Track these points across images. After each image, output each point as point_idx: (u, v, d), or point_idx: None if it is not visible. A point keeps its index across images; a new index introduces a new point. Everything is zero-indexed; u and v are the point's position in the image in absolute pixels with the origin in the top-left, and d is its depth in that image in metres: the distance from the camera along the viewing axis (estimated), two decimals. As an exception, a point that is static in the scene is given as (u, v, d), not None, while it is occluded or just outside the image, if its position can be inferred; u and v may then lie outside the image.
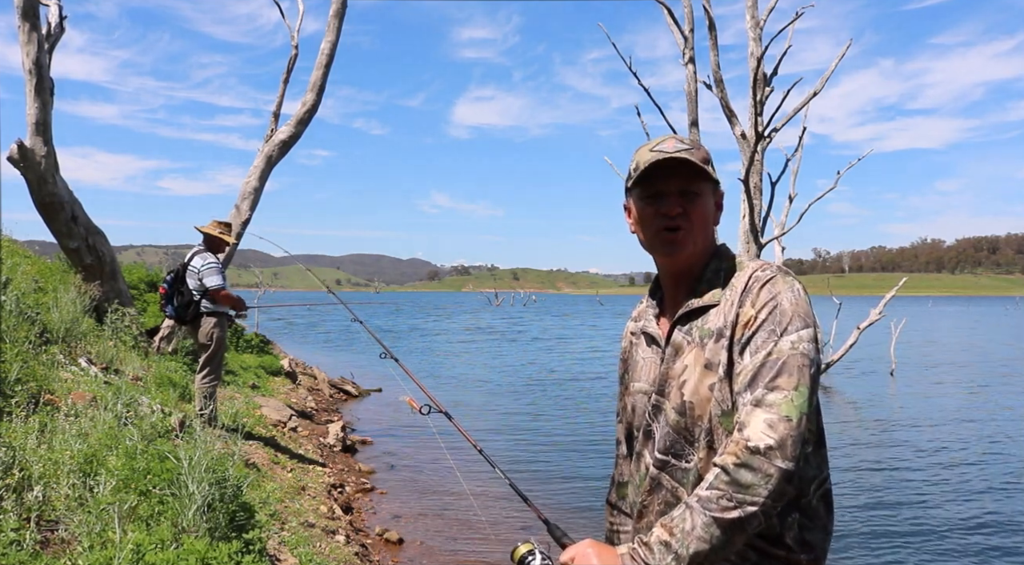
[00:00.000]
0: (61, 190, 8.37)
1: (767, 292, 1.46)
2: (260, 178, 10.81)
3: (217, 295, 6.40)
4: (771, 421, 1.33)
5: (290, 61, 11.62)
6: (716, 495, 1.33)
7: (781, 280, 1.47)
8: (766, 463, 1.31)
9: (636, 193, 1.61)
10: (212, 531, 3.35)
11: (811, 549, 1.47)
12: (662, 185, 1.55)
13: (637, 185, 1.59)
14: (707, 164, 1.55)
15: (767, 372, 1.38)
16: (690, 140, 1.59)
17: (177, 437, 4.87)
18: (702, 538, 1.31)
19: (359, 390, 14.68)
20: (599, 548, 1.42)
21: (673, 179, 1.54)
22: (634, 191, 1.62)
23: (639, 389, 1.67)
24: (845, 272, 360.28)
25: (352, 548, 5.19)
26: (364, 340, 4.24)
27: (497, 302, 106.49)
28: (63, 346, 6.46)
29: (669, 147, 1.54)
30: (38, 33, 8.11)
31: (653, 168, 1.54)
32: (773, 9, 9.82)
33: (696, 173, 1.54)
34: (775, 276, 1.48)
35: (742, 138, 9.51)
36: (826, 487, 1.52)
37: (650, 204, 1.57)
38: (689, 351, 1.53)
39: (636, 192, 1.61)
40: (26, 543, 2.78)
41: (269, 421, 8.36)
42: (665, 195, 1.55)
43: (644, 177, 1.56)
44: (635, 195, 1.62)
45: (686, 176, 1.54)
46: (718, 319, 1.50)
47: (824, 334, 17.94)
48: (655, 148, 1.56)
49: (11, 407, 3.96)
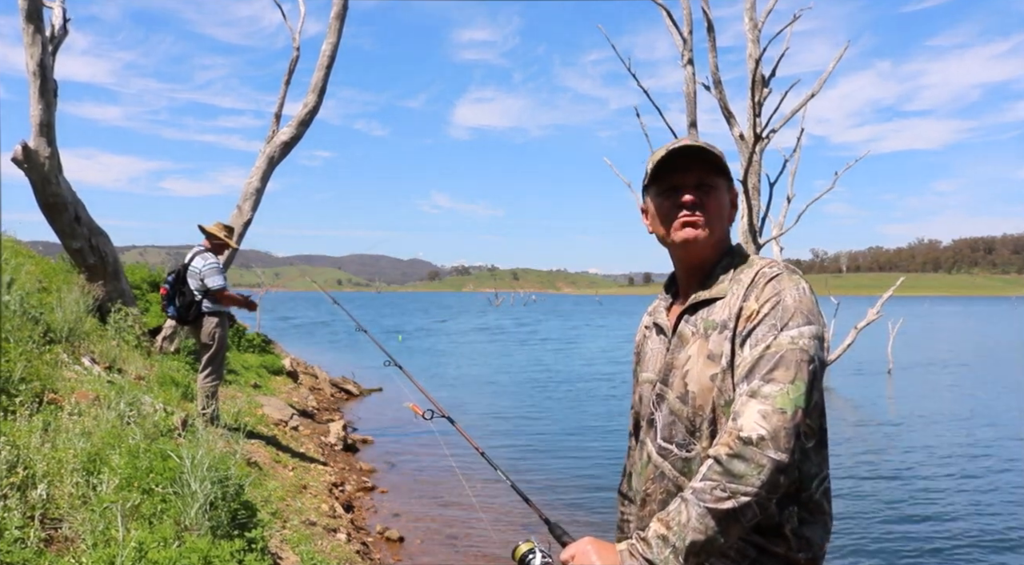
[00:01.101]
0: (64, 191, 8.40)
1: (771, 288, 1.48)
2: (262, 179, 10.85)
3: (220, 296, 6.43)
4: (764, 412, 1.35)
5: (291, 63, 11.66)
6: (710, 486, 1.35)
7: (787, 277, 1.50)
8: (758, 453, 1.32)
9: (653, 190, 1.64)
10: (214, 529, 3.38)
11: (809, 547, 1.49)
12: (679, 179, 1.58)
13: (654, 182, 1.62)
14: (722, 158, 1.59)
15: (764, 365, 1.40)
16: (704, 141, 1.63)
17: (179, 436, 4.90)
18: (697, 529, 1.33)
19: (360, 389, 14.71)
20: (598, 546, 1.44)
21: (690, 172, 1.57)
22: (651, 188, 1.64)
23: (646, 379, 1.69)
24: (843, 272, 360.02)
25: (353, 546, 5.22)
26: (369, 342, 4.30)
27: (497, 302, 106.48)
28: (66, 345, 6.49)
29: (684, 142, 1.58)
30: (42, 35, 8.15)
31: (670, 159, 1.57)
32: (771, 11, 9.85)
33: (711, 166, 1.57)
34: (781, 273, 1.51)
35: (740, 139, 9.54)
36: (826, 486, 1.54)
37: (667, 198, 1.60)
38: (694, 342, 1.56)
39: (653, 189, 1.64)
40: (30, 541, 2.81)
41: (271, 420, 8.40)
42: (682, 188, 1.58)
43: (661, 170, 1.59)
44: (652, 192, 1.65)
45: (702, 169, 1.57)
46: (723, 311, 1.53)
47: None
48: (671, 145, 1.59)
49: (15, 406, 3.99)
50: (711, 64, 9.49)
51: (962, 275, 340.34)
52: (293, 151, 11.28)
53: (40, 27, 8.11)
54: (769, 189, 9.20)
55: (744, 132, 9.48)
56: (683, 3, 9.76)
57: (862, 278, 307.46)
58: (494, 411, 13.30)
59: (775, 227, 14.55)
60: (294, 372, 13.19)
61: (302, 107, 11.18)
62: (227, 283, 6.65)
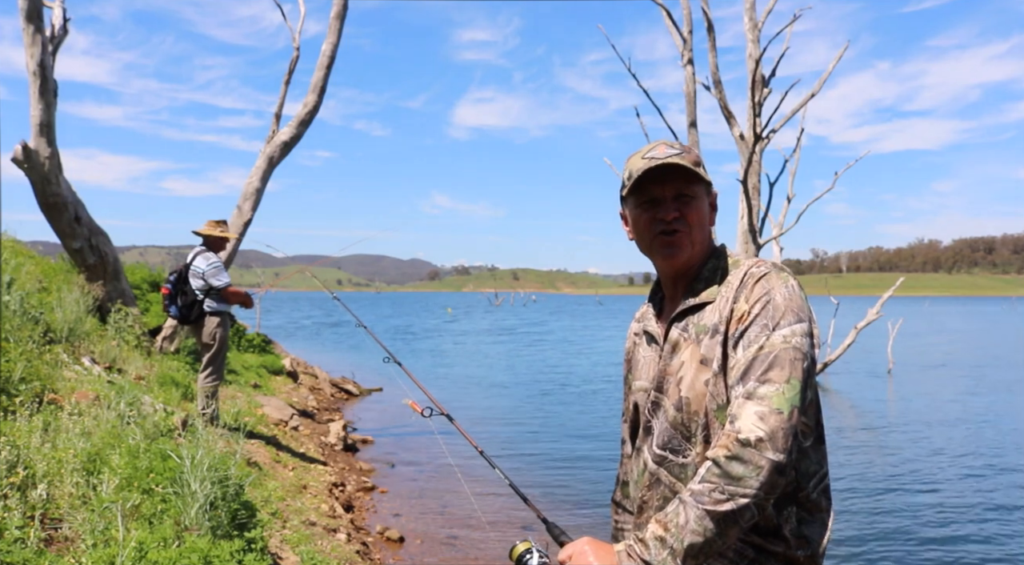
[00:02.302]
0: (64, 191, 8.40)
1: (760, 287, 1.48)
2: (262, 179, 10.85)
3: (226, 293, 6.51)
4: (762, 413, 1.35)
5: (292, 63, 11.66)
6: (708, 488, 1.35)
7: (775, 276, 1.49)
8: (757, 455, 1.32)
9: (632, 201, 1.63)
10: (214, 529, 3.38)
11: (808, 545, 1.49)
12: (657, 191, 1.57)
13: (632, 193, 1.61)
14: (699, 167, 1.57)
15: (759, 365, 1.40)
16: (680, 144, 1.60)
17: (179, 436, 4.91)
18: (696, 531, 1.33)
19: (360, 389, 14.72)
20: (596, 546, 1.44)
21: (668, 184, 1.56)
22: (629, 199, 1.63)
23: (640, 387, 1.69)
24: (843, 272, 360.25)
25: (353, 546, 5.23)
26: (370, 341, 4.32)
27: (497, 302, 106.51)
28: (67, 346, 6.50)
29: (661, 153, 1.55)
30: (42, 35, 8.16)
31: (647, 175, 1.56)
32: (771, 11, 9.87)
33: (690, 177, 1.56)
34: (769, 272, 1.50)
35: (741, 139, 9.55)
36: (825, 483, 1.54)
37: (646, 211, 1.59)
38: (686, 348, 1.55)
39: (631, 200, 1.63)
40: (30, 541, 2.82)
41: (271, 420, 8.40)
42: (661, 201, 1.57)
43: (639, 184, 1.58)
44: (631, 203, 1.64)
45: (680, 181, 1.56)
46: (713, 315, 1.52)
47: (822, 334, 17.98)
48: (647, 155, 1.57)
49: (15, 406, 4.00)
50: (711, 64, 9.50)
51: (962, 275, 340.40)
52: (293, 151, 11.29)
53: (40, 27, 8.12)
54: (769, 189, 9.22)
55: (744, 132, 9.48)
56: (683, 3, 9.77)
57: (862, 278, 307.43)
58: (493, 408, 13.31)
59: (775, 227, 14.56)
60: (294, 372, 13.20)
61: (302, 107, 11.18)
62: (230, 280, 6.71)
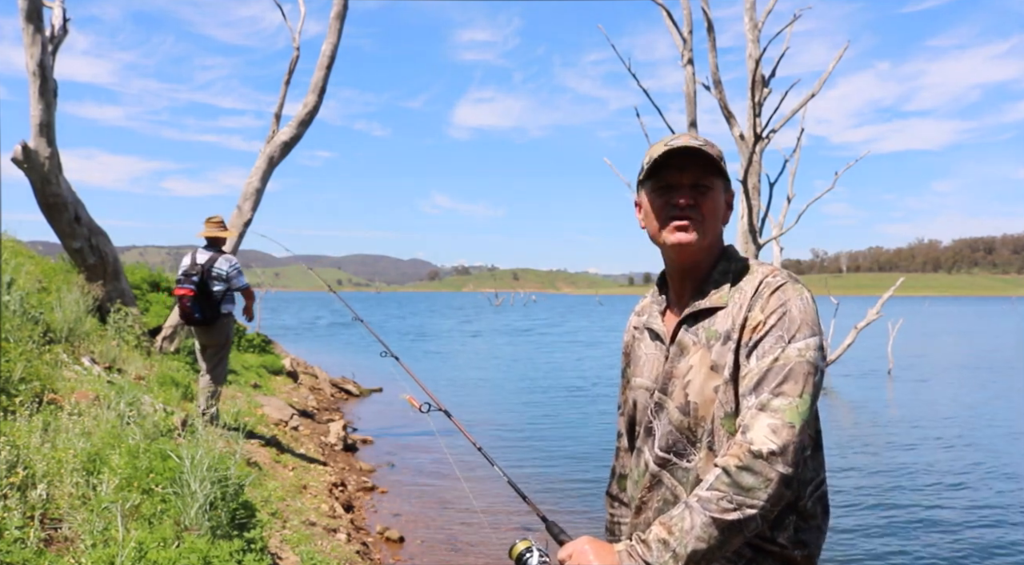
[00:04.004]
0: (64, 191, 8.41)
1: (777, 298, 1.46)
2: (262, 179, 10.85)
3: (247, 294, 6.66)
4: (775, 426, 1.34)
5: (292, 63, 11.65)
6: (716, 496, 1.34)
7: (791, 287, 1.48)
8: (767, 467, 1.32)
9: (648, 186, 1.60)
10: (214, 529, 3.39)
11: (805, 546, 1.49)
12: (674, 177, 1.55)
13: (649, 177, 1.59)
14: (720, 160, 1.56)
15: (773, 377, 1.39)
16: (704, 138, 1.60)
17: (179, 436, 4.91)
18: (700, 538, 1.33)
19: (360, 389, 14.72)
20: (596, 545, 1.43)
21: (686, 172, 1.54)
22: (646, 184, 1.61)
23: (640, 384, 1.67)
24: (843, 272, 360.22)
25: (353, 546, 5.23)
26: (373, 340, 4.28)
27: (497, 302, 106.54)
28: (66, 345, 6.50)
29: (683, 141, 1.54)
30: (42, 35, 8.16)
31: (667, 157, 1.54)
32: (771, 11, 9.87)
33: (709, 167, 1.54)
34: (786, 283, 1.49)
35: (740, 139, 9.55)
36: (822, 490, 1.53)
37: (661, 196, 1.57)
38: (695, 352, 1.54)
39: (648, 185, 1.60)
40: (30, 541, 2.82)
41: (271, 420, 8.40)
42: (677, 187, 1.55)
43: (657, 168, 1.56)
44: (647, 188, 1.61)
45: (699, 169, 1.54)
46: (726, 322, 1.51)
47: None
48: (669, 142, 1.55)
49: (15, 406, 4.00)
50: (711, 64, 9.50)
51: (962, 275, 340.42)
52: (293, 151, 11.28)
53: (40, 27, 8.12)
54: (769, 189, 9.22)
55: (744, 132, 9.49)
56: (683, 3, 9.77)
57: (862, 278, 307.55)
58: (493, 407, 13.30)
59: (775, 227, 14.56)
60: (294, 372, 13.21)
61: (302, 107, 11.18)
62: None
